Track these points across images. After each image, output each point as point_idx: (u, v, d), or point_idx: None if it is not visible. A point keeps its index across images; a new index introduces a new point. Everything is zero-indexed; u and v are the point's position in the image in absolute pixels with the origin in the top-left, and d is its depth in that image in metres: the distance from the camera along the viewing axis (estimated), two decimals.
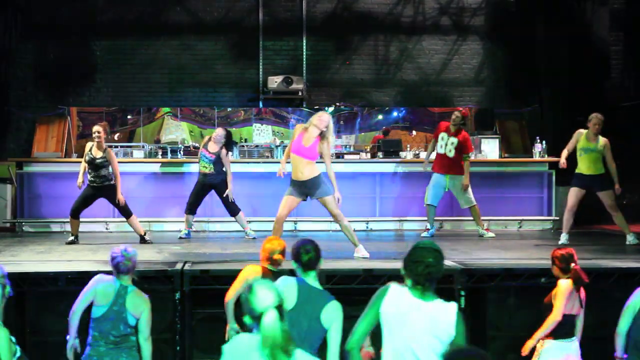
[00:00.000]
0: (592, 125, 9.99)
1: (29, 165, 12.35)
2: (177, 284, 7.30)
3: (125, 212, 10.39)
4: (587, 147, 10.03)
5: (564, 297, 6.13)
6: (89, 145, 10.36)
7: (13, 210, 12.37)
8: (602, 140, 10.01)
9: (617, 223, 10.25)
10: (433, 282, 4.16)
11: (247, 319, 3.62)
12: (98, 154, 10.16)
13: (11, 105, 13.65)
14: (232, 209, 11.00)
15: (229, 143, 11.14)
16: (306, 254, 5.04)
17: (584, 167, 10.08)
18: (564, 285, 6.17)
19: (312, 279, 5.04)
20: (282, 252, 5.97)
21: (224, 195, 10.88)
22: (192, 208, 11.06)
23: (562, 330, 6.22)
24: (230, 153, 11.23)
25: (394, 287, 4.17)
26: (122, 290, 5.73)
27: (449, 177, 11.23)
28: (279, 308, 3.54)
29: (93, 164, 10.17)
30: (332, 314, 4.90)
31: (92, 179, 10.24)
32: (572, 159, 12.96)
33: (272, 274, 5.82)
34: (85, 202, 10.30)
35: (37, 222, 12.14)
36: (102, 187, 10.21)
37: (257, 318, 3.53)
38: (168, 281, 7.37)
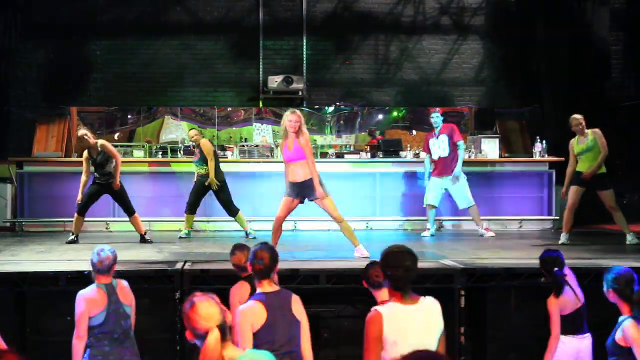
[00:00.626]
0: (574, 128, 10.06)
1: (29, 165, 12.36)
2: (177, 283, 7.30)
3: (129, 210, 10.41)
4: (580, 150, 10.06)
5: (555, 315, 6.11)
6: (85, 153, 10.42)
7: (13, 210, 12.37)
8: (590, 135, 10.03)
9: (617, 222, 10.25)
10: (411, 284, 4.21)
11: (189, 335, 3.53)
12: (95, 154, 10.23)
13: (11, 105, 13.65)
14: (231, 210, 11.01)
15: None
16: (259, 263, 4.94)
17: (584, 167, 10.10)
18: (552, 303, 6.15)
19: (267, 286, 4.95)
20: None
21: (211, 190, 10.97)
22: (192, 208, 11.08)
23: (571, 327, 6.20)
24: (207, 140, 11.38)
25: (382, 310, 4.15)
26: (111, 289, 5.74)
27: (447, 177, 11.23)
28: (222, 327, 3.43)
29: (96, 164, 10.25)
30: (299, 307, 4.97)
31: (98, 176, 10.32)
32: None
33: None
34: (91, 199, 10.34)
35: (37, 222, 12.14)
36: (107, 184, 10.26)
37: (200, 337, 3.44)
38: (168, 281, 7.37)
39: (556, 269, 6.21)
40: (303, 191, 8.53)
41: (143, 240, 10.34)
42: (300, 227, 12.14)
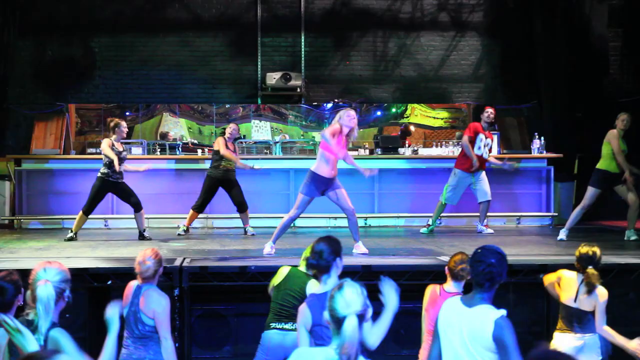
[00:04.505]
0: (622, 123, 9.99)
1: (28, 162, 12.34)
2: (176, 280, 7.29)
3: (137, 205, 10.37)
4: (624, 147, 10.01)
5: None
6: (108, 141, 10.13)
7: (12, 207, 12.36)
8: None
9: (629, 215, 10.14)
10: (493, 283, 4.17)
11: (326, 316, 3.50)
12: (121, 148, 10.22)
13: (10, 102, 13.64)
14: (243, 205, 11.01)
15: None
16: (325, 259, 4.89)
17: (615, 165, 9.99)
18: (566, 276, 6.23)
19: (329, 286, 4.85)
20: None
21: (221, 187, 10.96)
22: (201, 207, 11.06)
23: (571, 324, 6.21)
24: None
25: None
26: (137, 291, 5.74)
27: (475, 174, 11.08)
28: (361, 317, 3.39)
29: (120, 157, 10.13)
30: None
31: (110, 172, 10.16)
32: (568, 155, 12.99)
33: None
34: (97, 197, 10.25)
35: (35, 219, 12.14)
36: (116, 183, 10.22)
37: (337, 321, 3.38)
38: (167, 278, 7.36)
39: (590, 266, 6.22)
40: (327, 185, 8.54)
41: (142, 236, 10.33)
42: (299, 224, 12.14)
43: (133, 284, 5.81)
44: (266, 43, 14.55)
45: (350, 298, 3.41)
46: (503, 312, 4.09)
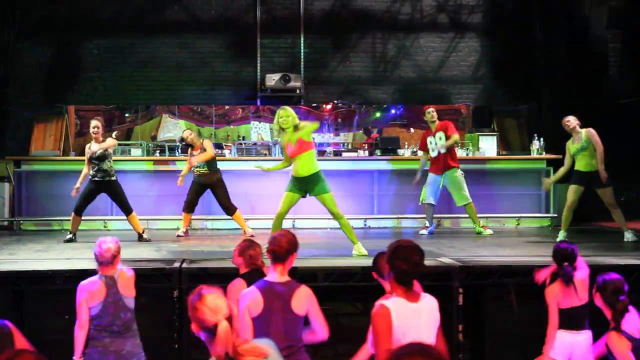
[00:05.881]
0: (566, 128, 10.11)
1: (27, 164, 12.35)
2: (175, 282, 7.28)
3: (126, 209, 10.39)
4: (576, 149, 10.10)
5: (553, 305, 6.13)
6: (87, 145, 10.41)
7: (11, 209, 12.36)
8: (584, 133, 10.07)
9: (616, 220, 10.27)
10: (414, 279, 4.30)
11: (195, 328, 3.47)
12: (95, 147, 10.21)
13: (9, 103, 13.64)
14: (229, 209, 10.99)
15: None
16: (274, 244, 4.94)
17: (581, 165, 10.13)
18: (549, 294, 6.16)
19: (277, 274, 4.89)
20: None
21: (209, 189, 10.94)
22: (189, 206, 11.06)
23: (567, 322, 6.20)
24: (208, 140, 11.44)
25: (388, 305, 4.17)
26: (111, 281, 5.72)
27: (444, 175, 11.20)
28: (229, 319, 3.40)
29: (94, 158, 10.18)
30: (301, 301, 4.83)
31: (93, 173, 10.25)
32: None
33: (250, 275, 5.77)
34: (87, 198, 10.30)
35: (35, 221, 12.14)
36: (102, 182, 10.23)
37: (207, 329, 3.39)
38: (166, 279, 7.36)
39: (566, 263, 6.19)
40: (305, 185, 8.54)
41: (141, 238, 10.34)
42: (299, 225, 12.14)
43: (96, 280, 5.74)
44: (265, 44, 14.55)
45: (215, 304, 3.39)
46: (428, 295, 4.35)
